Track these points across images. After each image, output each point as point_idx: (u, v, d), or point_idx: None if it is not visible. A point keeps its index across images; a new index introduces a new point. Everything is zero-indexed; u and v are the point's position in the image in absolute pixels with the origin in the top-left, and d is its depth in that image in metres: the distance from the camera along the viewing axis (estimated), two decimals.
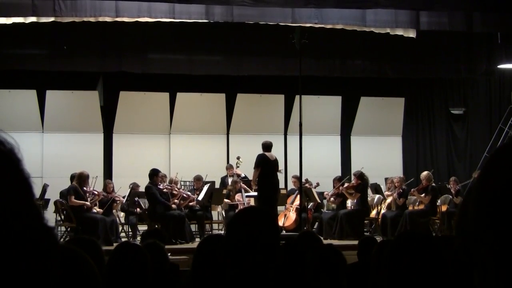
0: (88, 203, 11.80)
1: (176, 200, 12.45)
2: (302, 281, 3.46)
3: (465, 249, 0.95)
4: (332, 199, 13.36)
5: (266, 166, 11.71)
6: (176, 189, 12.72)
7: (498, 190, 0.91)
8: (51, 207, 12.75)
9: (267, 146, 11.92)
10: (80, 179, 11.86)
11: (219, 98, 15.60)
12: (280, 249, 2.27)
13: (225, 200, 12.88)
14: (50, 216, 12.30)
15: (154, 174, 12.29)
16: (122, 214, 13.03)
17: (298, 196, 12.74)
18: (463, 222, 0.98)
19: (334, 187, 13.40)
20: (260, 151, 12.03)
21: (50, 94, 14.71)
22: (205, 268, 3.01)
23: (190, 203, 12.70)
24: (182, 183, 13.72)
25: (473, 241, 0.93)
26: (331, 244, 3.89)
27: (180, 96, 15.30)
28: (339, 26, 12.96)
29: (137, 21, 12.45)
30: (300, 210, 12.39)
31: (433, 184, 13.02)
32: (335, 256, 3.50)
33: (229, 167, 13.98)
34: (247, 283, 2.21)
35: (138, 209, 12.60)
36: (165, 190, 12.33)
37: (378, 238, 9.28)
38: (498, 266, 0.89)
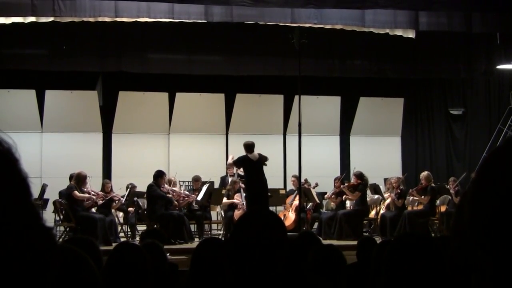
0: (93, 196, 11.84)
1: (176, 202, 12.45)
2: (302, 281, 3.46)
3: (462, 251, 0.95)
4: (333, 196, 13.35)
5: (248, 167, 12.00)
6: (175, 189, 12.73)
7: (493, 193, 0.91)
8: (50, 207, 12.75)
9: (248, 147, 12.11)
10: (78, 179, 11.86)
11: (219, 98, 15.60)
12: (285, 253, 2.26)
13: (225, 199, 12.87)
14: (49, 216, 12.31)
15: (160, 175, 12.28)
16: (121, 214, 13.03)
17: (298, 196, 12.75)
18: (459, 224, 0.98)
19: (335, 186, 13.41)
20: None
21: (49, 94, 14.70)
22: (203, 271, 3.01)
23: (190, 201, 12.76)
24: (181, 183, 13.72)
25: (469, 244, 0.93)
26: (331, 244, 3.89)
27: (179, 96, 15.30)
28: (338, 27, 12.96)
29: (136, 21, 12.44)
30: (299, 210, 12.40)
31: (433, 185, 13.03)
32: (335, 256, 3.49)
33: (229, 166, 13.98)
34: (248, 285, 2.21)
35: (137, 209, 12.59)
36: (168, 194, 12.32)
37: (377, 239, 9.29)
38: (495, 268, 0.89)
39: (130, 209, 12.63)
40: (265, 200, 12.00)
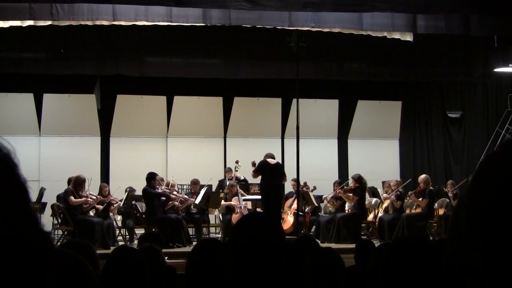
0: (90, 199, 11.81)
1: (176, 203, 12.49)
2: (300, 284, 3.46)
3: (458, 255, 0.95)
4: (332, 201, 13.35)
5: (265, 170, 12.28)
6: (175, 193, 12.74)
7: (490, 197, 0.91)
8: (48, 210, 12.74)
9: (269, 155, 12.61)
10: (76, 182, 11.84)
11: (217, 102, 15.61)
12: (283, 255, 2.26)
13: (222, 202, 12.87)
14: (47, 219, 12.30)
15: (152, 177, 12.28)
16: (119, 217, 13.02)
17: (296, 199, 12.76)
18: (455, 228, 0.98)
19: (334, 190, 13.40)
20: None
21: (47, 98, 14.70)
22: (200, 272, 3.01)
23: (188, 204, 12.78)
24: (179, 186, 13.73)
25: (465, 247, 0.93)
26: (330, 247, 3.89)
27: (177, 100, 15.30)
28: (336, 30, 12.97)
29: (134, 25, 12.44)
30: (297, 214, 12.41)
31: (431, 188, 13.02)
32: (334, 260, 3.50)
33: (228, 170, 13.99)
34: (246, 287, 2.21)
35: (135, 212, 12.57)
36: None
37: (375, 242, 9.28)
38: (491, 272, 0.90)
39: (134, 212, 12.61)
40: (277, 203, 12.25)
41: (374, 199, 13.76)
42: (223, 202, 12.84)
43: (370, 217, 13.61)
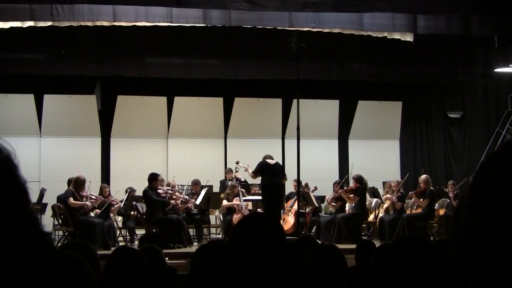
0: (88, 203, 11.79)
1: (178, 201, 12.49)
2: (301, 284, 3.46)
3: (459, 255, 0.95)
4: (332, 203, 13.34)
5: (265, 171, 12.42)
6: (177, 193, 12.74)
7: (490, 197, 0.91)
8: (48, 211, 12.74)
9: (268, 156, 12.74)
10: (76, 183, 11.84)
11: (217, 102, 15.61)
12: (283, 257, 2.26)
13: (224, 202, 12.86)
14: (48, 220, 12.30)
15: (153, 178, 12.28)
16: (120, 218, 13.02)
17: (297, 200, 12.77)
18: (456, 228, 0.98)
19: (334, 191, 13.39)
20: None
21: (47, 98, 14.70)
22: (203, 274, 3.01)
23: (188, 205, 12.77)
24: (180, 187, 13.73)
25: (466, 248, 0.93)
26: (332, 244, 3.89)
27: (178, 100, 15.30)
28: (336, 30, 12.96)
29: (134, 25, 12.44)
30: (297, 214, 12.42)
31: (431, 188, 13.02)
32: (336, 257, 3.50)
33: (228, 171, 14.01)
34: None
35: (136, 213, 12.56)
36: (163, 194, 12.31)
37: (376, 242, 9.28)
38: (492, 272, 0.90)
39: (132, 213, 12.58)
40: (278, 202, 12.39)
41: (375, 200, 13.76)
42: (225, 202, 12.83)
43: (371, 217, 13.60)
